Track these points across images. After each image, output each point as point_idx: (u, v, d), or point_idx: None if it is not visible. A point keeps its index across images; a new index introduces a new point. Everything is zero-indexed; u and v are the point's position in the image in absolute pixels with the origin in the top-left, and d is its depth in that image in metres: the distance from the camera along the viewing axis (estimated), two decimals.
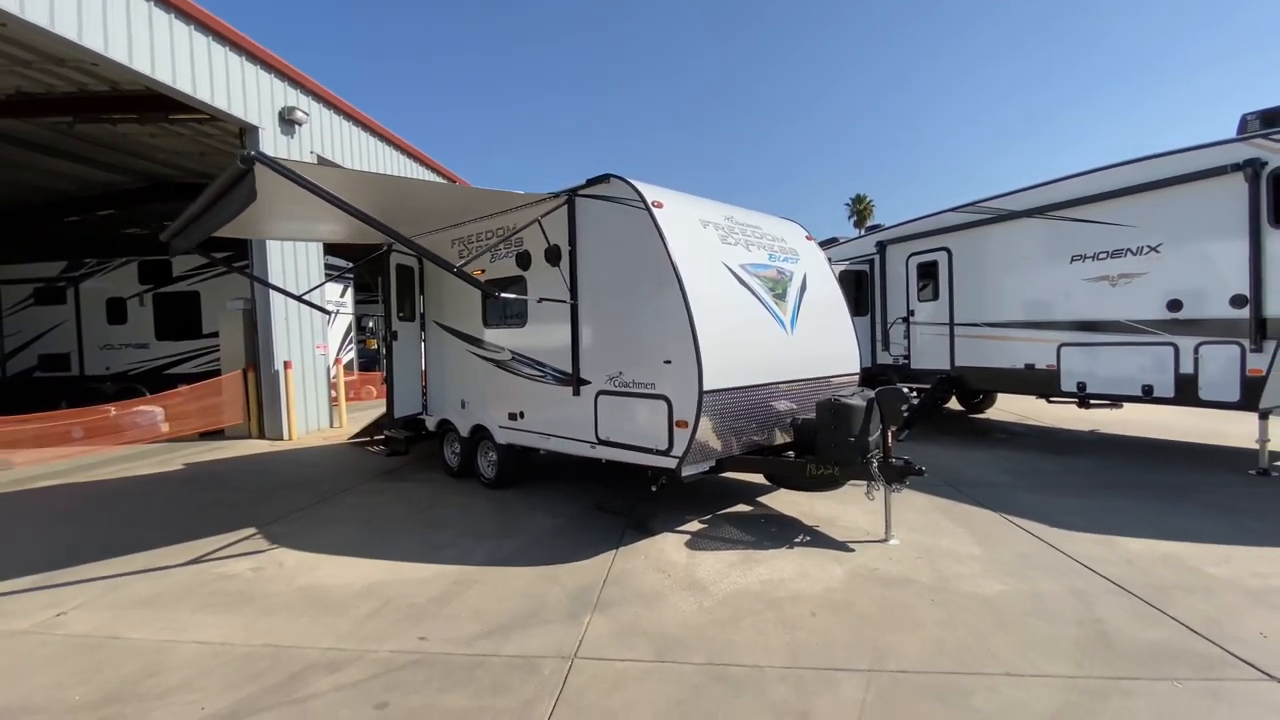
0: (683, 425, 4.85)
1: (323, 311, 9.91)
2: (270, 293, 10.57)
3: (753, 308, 5.52)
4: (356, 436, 10.18)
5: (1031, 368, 8.58)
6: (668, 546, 5.01)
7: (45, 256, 15.32)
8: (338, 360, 12.99)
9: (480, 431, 6.99)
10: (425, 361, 7.96)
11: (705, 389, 4.73)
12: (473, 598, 4.12)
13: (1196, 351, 6.93)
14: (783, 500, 6.13)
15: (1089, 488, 6.43)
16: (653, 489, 5.42)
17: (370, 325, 18.54)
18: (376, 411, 11.71)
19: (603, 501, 6.29)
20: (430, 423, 7.85)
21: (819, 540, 5.07)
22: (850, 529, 5.29)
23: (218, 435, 10.90)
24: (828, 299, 6.56)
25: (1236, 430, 8.34)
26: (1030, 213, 8.53)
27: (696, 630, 3.61)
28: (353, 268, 10.61)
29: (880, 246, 10.97)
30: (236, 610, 4.04)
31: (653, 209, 5.03)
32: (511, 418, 6.50)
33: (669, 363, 4.94)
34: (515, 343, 6.49)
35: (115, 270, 14.93)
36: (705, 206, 5.79)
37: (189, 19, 9.36)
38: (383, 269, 8.04)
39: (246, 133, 10.66)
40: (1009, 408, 11.63)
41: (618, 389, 5.36)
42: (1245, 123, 7.17)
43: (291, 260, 11.27)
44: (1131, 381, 7.53)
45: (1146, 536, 4.89)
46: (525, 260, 6.18)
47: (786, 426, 5.67)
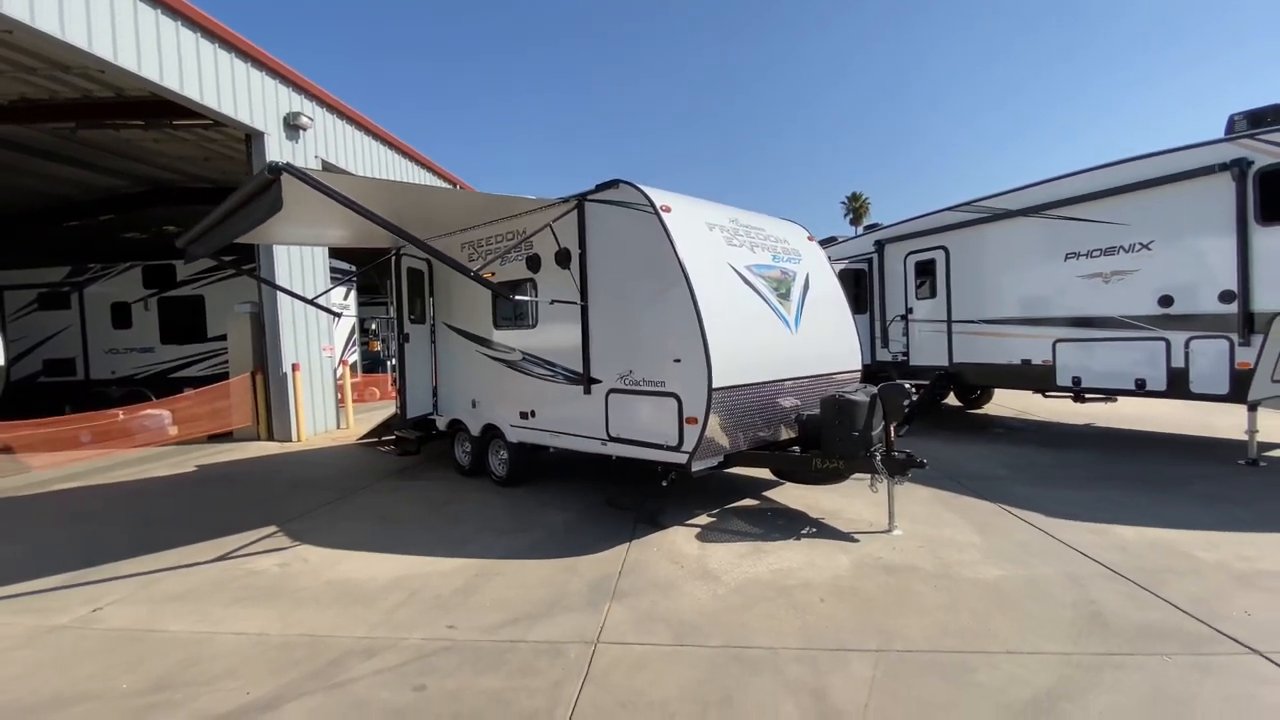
0: (693, 422, 5.03)
1: (334, 315, 10.05)
2: (278, 296, 10.71)
3: (758, 307, 5.70)
4: (365, 437, 10.33)
5: (1028, 363, 8.78)
6: (678, 539, 5.19)
7: (49, 261, 15.42)
8: (344, 362, 13.13)
9: (491, 430, 7.15)
10: (435, 363, 8.11)
11: (714, 386, 4.91)
12: (495, 589, 4.29)
13: (1187, 346, 7.13)
14: (788, 494, 6.32)
15: (1084, 479, 6.63)
16: (663, 484, 5.61)
17: (373, 327, 18.66)
18: (382, 413, 11.88)
19: (612, 497, 6.46)
20: (441, 423, 8.02)
21: (825, 532, 5.25)
22: (855, 521, 5.47)
23: (226, 438, 11.02)
24: (830, 298, 6.74)
25: (1226, 422, 8.54)
26: (1025, 211, 8.73)
27: (712, 616, 3.79)
28: (361, 271, 10.73)
29: (879, 245, 11.17)
30: (268, 603, 4.20)
31: (661, 213, 5.20)
32: (523, 416, 6.67)
33: (679, 361, 5.11)
34: (526, 343, 6.66)
35: (120, 275, 15.05)
36: (711, 209, 5.96)
37: (195, 26, 9.49)
38: (393, 272, 8.19)
39: (253, 138, 10.80)
40: (1006, 403, 11.84)
41: (628, 387, 5.53)
42: (1233, 123, 7.35)
43: (299, 264, 11.41)
44: (1125, 376, 7.73)
45: (1139, 524, 5.09)
46: (535, 263, 6.35)
47: (791, 422, 5.85)
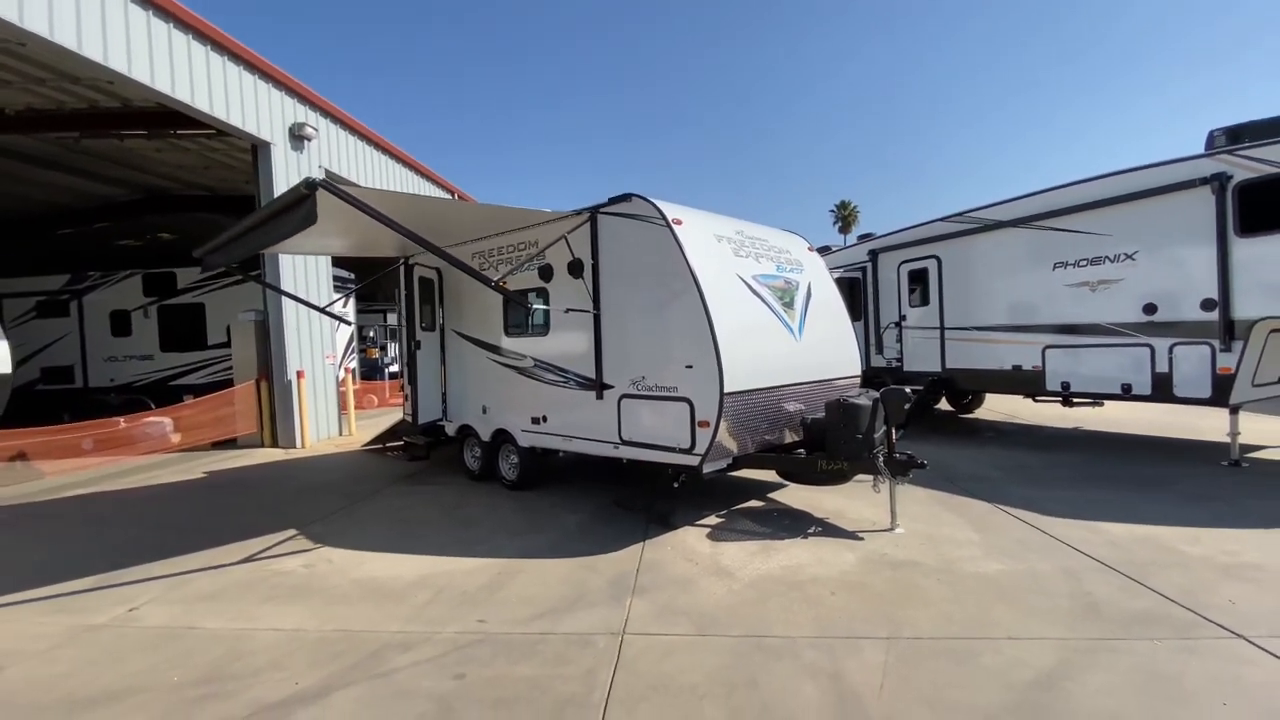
0: (705, 425, 5.25)
1: (345, 322, 10.20)
2: (282, 304, 10.85)
3: (765, 316, 5.94)
4: (371, 443, 10.46)
5: (1018, 369, 9.06)
6: (690, 539, 5.39)
7: (48, 269, 15.44)
8: (348, 369, 13.25)
9: (502, 435, 7.33)
10: (445, 370, 8.27)
11: (726, 391, 5.13)
12: (519, 586, 4.47)
13: (1171, 352, 7.43)
14: (792, 495, 6.53)
15: (1074, 480, 6.90)
16: (674, 485, 5.81)
17: (371, 335, 18.76)
18: (382, 420, 12.02)
19: (621, 499, 6.65)
20: (450, 428, 8.18)
21: (830, 531, 5.48)
22: (858, 520, 5.70)
23: (230, 445, 11.10)
24: (830, 306, 6.99)
25: (1210, 425, 8.87)
26: (1015, 222, 9.04)
27: (730, 609, 3.99)
28: (371, 279, 10.88)
29: (872, 255, 11.46)
30: (300, 601, 4.36)
31: (673, 226, 5.43)
32: (535, 422, 6.85)
33: (690, 367, 5.33)
34: (538, 350, 6.85)
35: (119, 283, 15.09)
36: (718, 222, 6.20)
37: (206, 39, 9.67)
38: (403, 281, 8.37)
39: (259, 149, 10.96)
40: (997, 407, 12.15)
41: (641, 393, 5.74)
42: (1213, 138, 7.69)
43: (303, 272, 11.55)
44: (1112, 380, 8.02)
45: (1128, 522, 5.35)
46: (548, 273, 6.55)
47: (796, 426, 6.08)
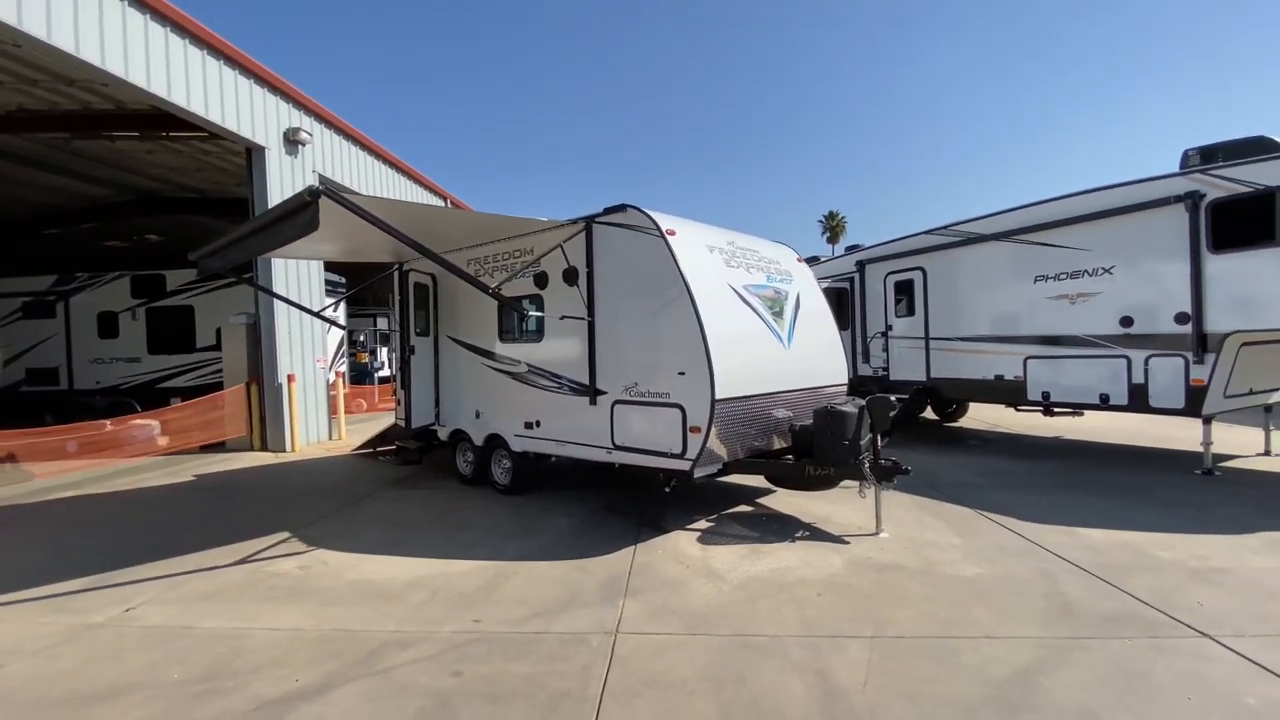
0: (696, 431, 5.37)
1: (337, 326, 10.24)
2: (274, 307, 10.86)
3: (755, 324, 6.09)
4: (362, 448, 10.48)
5: (1000, 378, 9.28)
6: (681, 542, 5.50)
7: (35, 270, 15.32)
8: (339, 373, 13.25)
9: (495, 440, 7.41)
10: (438, 374, 8.34)
11: (717, 398, 5.26)
12: (513, 587, 4.56)
13: (1146, 363, 7.66)
14: (779, 501, 6.67)
15: (1053, 487, 7.10)
16: (666, 490, 5.93)
17: (361, 339, 18.74)
18: (371, 425, 12.04)
19: (613, 503, 6.75)
20: (443, 433, 8.24)
21: (817, 535, 5.61)
22: (844, 525, 5.84)
23: (218, 448, 11.07)
24: (819, 316, 7.16)
25: (1185, 435, 9.11)
26: (998, 236, 9.28)
27: (719, 609, 4.11)
28: (364, 284, 10.93)
29: (860, 266, 11.68)
30: (297, 602, 4.42)
31: (667, 236, 5.58)
32: (528, 426, 6.94)
33: (683, 374, 5.46)
34: (532, 356, 6.95)
35: (107, 284, 15.00)
36: (711, 233, 6.35)
37: (202, 43, 9.72)
38: (397, 286, 8.44)
39: (253, 152, 11.00)
40: (980, 416, 12.38)
41: (634, 399, 5.86)
42: (1187, 158, 7.95)
43: (294, 276, 11.57)
44: (1090, 391, 8.25)
45: (1104, 527, 5.54)
46: (543, 280, 6.66)
47: (785, 432, 6.22)
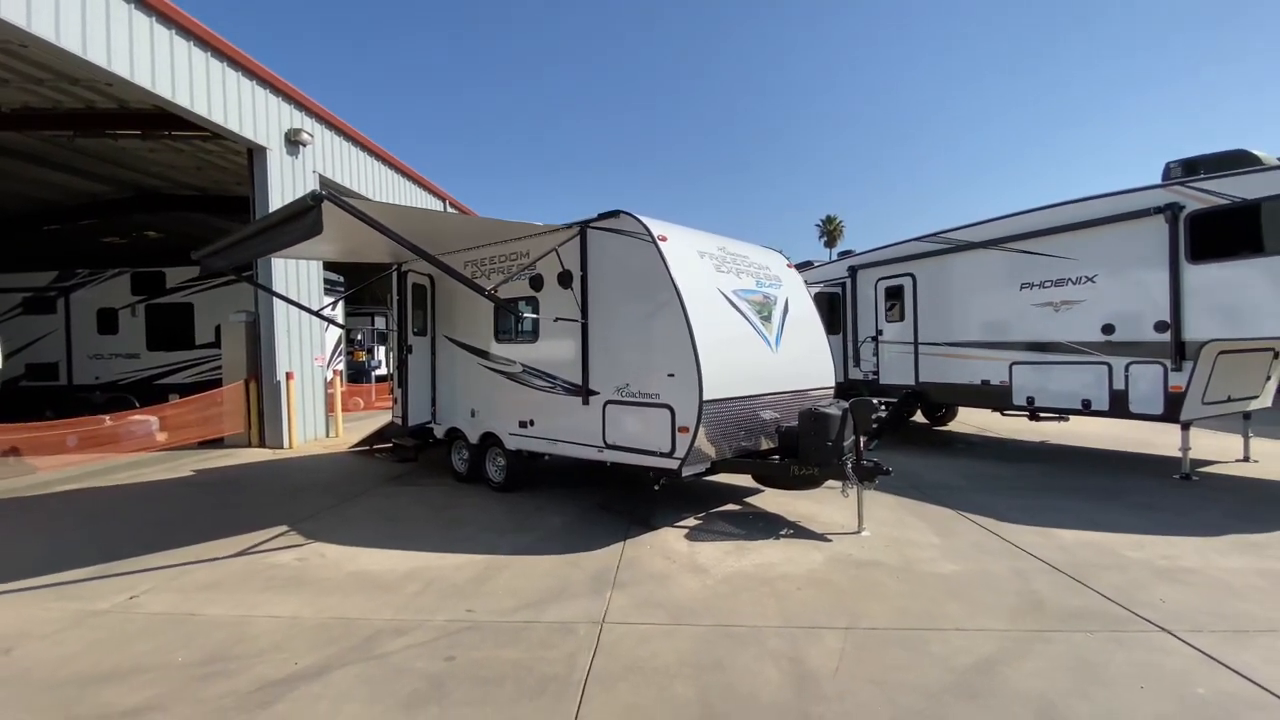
0: (684, 431, 5.55)
1: (337, 325, 10.40)
2: (274, 306, 11.01)
3: (743, 328, 6.26)
4: (358, 445, 10.63)
5: (987, 383, 9.47)
6: (669, 539, 5.67)
7: (36, 266, 15.44)
8: (336, 371, 13.41)
9: (490, 439, 7.57)
10: (434, 373, 8.50)
11: (705, 399, 5.43)
12: (505, 579, 4.73)
13: (1127, 370, 7.85)
14: (767, 500, 6.85)
15: (1034, 489, 7.28)
16: (655, 488, 6.10)
17: (359, 338, 18.89)
18: (368, 422, 12.20)
19: (604, 502, 6.92)
20: (439, 431, 8.40)
21: (801, 533, 5.78)
22: (828, 524, 6.01)
23: (216, 444, 11.21)
24: (807, 320, 7.34)
25: (1167, 440, 9.29)
26: (986, 244, 9.47)
27: (703, 602, 4.28)
28: (363, 284, 11.08)
29: (852, 271, 11.87)
30: (295, 592, 4.57)
31: (658, 242, 5.75)
32: (522, 425, 7.10)
33: (672, 376, 5.63)
34: (526, 357, 7.12)
35: (108, 281, 15.13)
36: (702, 239, 6.53)
37: (206, 45, 9.88)
38: (395, 286, 8.60)
39: (255, 153, 11.15)
40: (970, 421, 12.58)
41: (625, 399, 6.03)
42: (1169, 170, 8.15)
43: (294, 275, 11.72)
44: (1073, 396, 8.44)
45: (1078, 528, 5.72)
46: (538, 282, 6.83)
47: (771, 433, 6.40)
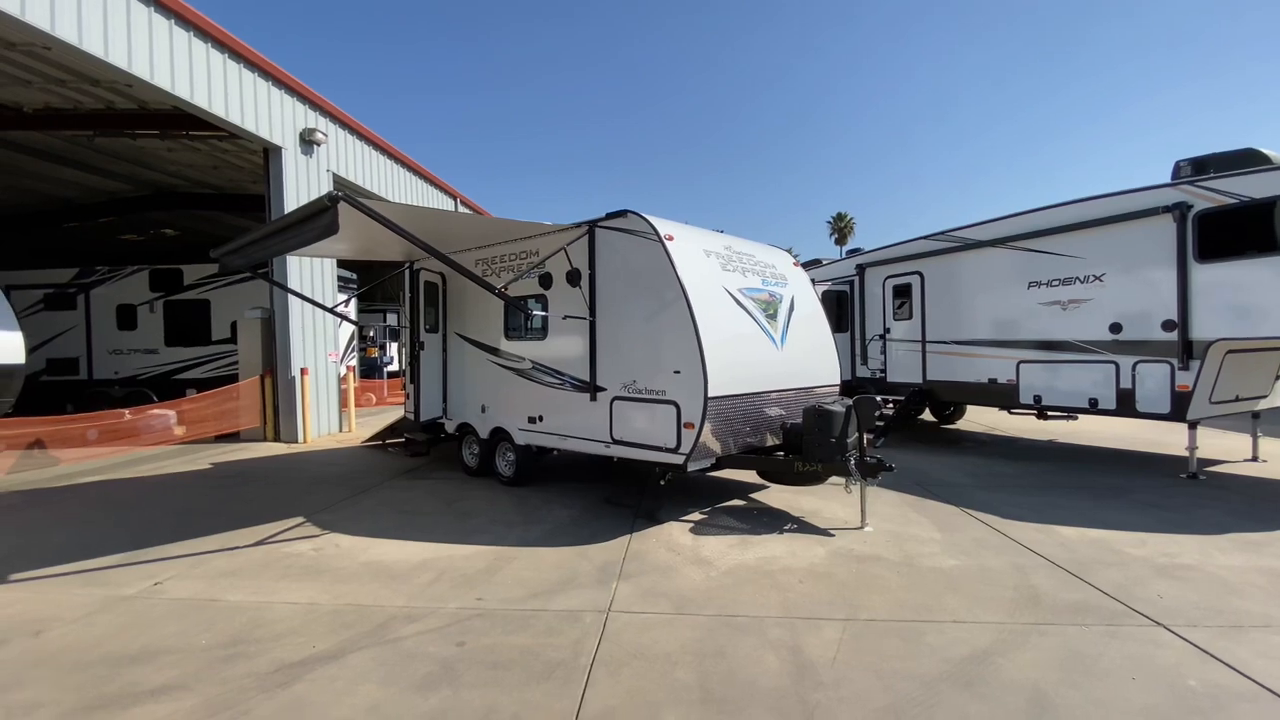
0: (690, 427, 5.65)
1: (350, 322, 10.58)
2: (289, 302, 11.21)
3: (749, 326, 6.35)
4: (372, 439, 10.82)
5: (994, 382, 9.50)
6: (675, 532, 5.78)
7: (57, 263, 15.78)
8: (350, 368, 13.62)
9: (499, 434, 7.71)
10: (446, 370, 8.65)
11: (710, 396, 5.53)
12: (514, 570, 4.86)
13: (1134, 369, 7.87)
14: (771, 496, 6.94)
15: (1038, 488, 7.33)
16: (660, 483, 6.21)
17: (371, 334, 19.13)
18: (380, 418, 12.40)
19: (611, 496, 7.04)
20: (450, 426, 8.56)
21: (804, 528, 5.88)
22: (831, 519, 6.10)
23: (232, 438, 11.44)
24: (812, 319, 7.41)
25: (1175, 440, 9.30)
26: (993, 242, 9.50)
27: (706, 593, 4.39)
28: (376, 282, 11.26)
29: (860, 269, 11.91)
30: (312, 580, 4.73)
31: (665, 241, 5.85)
32: (531, 421, 7.24)
33: (678, 373, 5.74)
34: (535, 354, 7.25)
35: (127, 277, 15.42)
36: (708, 238, 6.62)
37: (223, 47, 10.07)
38: (408, 284, 8.75)
39: (270, 152, 11.34)
40: (978, 419, 12.59)
41: (632, 395, 6.15)
42: (1178, 169, 8.13)
43: (308, 272, 11.92)
44: (1080, 395, 8.46)
45: (1080, 526, 5.78)
46: (547, 281, 6.95)
47: (776, 430, 6.49)
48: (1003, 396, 9.46)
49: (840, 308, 12.08)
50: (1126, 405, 7.98)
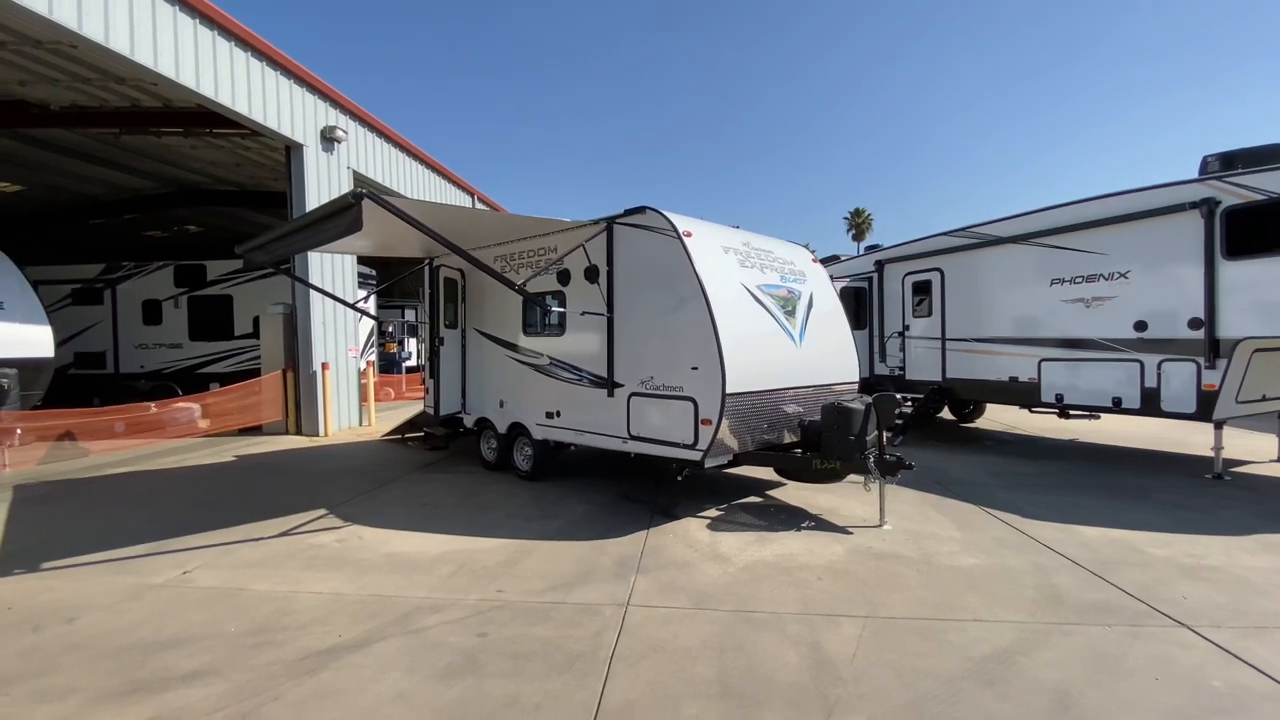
0: (707, 423, 5.66)
1: (371, 317, 10.70)
2: (310, 298, 11.37)
3: (767, 323, 6.35)
4: (390, 434, 10.95)
5: (1015, 380, 9.39)
6: (692, 528, 5.80)
7: (84, 258, 16.12)
8: (370, 363, 13.79)
9: (517, 429, 7.77)
10: (464, 365, 8.73)
11: (728, 392, 5.54)
12: (533, 563, 4.91)
13: (1159, 368, 7.74)
14: (788, 493, 6.93)
15: (1060, 487, 7.25)
16: (678, 479, 6.23)
17: (390, 330, 19.33)
18: (399, 412, 12.53)
19: (628, 492, 7.07)
20: (469, 420, 8.64)
21: (822, 525, 5.87)
22: (849, 517, 6.09)
23: (255, 431, 11.63)
24: (831, 316, 7.38)
25: (1200, 440, 9.12)
26: (1015, 239, 9.38)
27: (724, 588, 4.41)
28: (397, 279, 11.39)
29: (879, 266, 11.82)
30: (336, 570, 4.81)
31: (684, 238, 5.86)
32: (549, 416, 7.29)
33: (696, 369, 5.75)
34: (554, 350, 7.29)
35: (152, 273, 15.72)
36: (726, 234, 6.62)
37: (246, 46, 10.21)
38: (428, 280, 8.84)
39: (291, 149, 11.49)
40: (998, 418, 12.46)
41: (649, 391, 6.17)
42: (1206, 164, 7.97)
43: (329, 268, 12.07)
44: (1103, 394, 8.34)
45: (1102, 526, 5.71)
46: (565, 277, 6.99)
47: (794, 427, 6.48)
48: (1024, 395, 9.36)
49: (859, 304, 12.01)
50: (1151, 404, 7.86)
